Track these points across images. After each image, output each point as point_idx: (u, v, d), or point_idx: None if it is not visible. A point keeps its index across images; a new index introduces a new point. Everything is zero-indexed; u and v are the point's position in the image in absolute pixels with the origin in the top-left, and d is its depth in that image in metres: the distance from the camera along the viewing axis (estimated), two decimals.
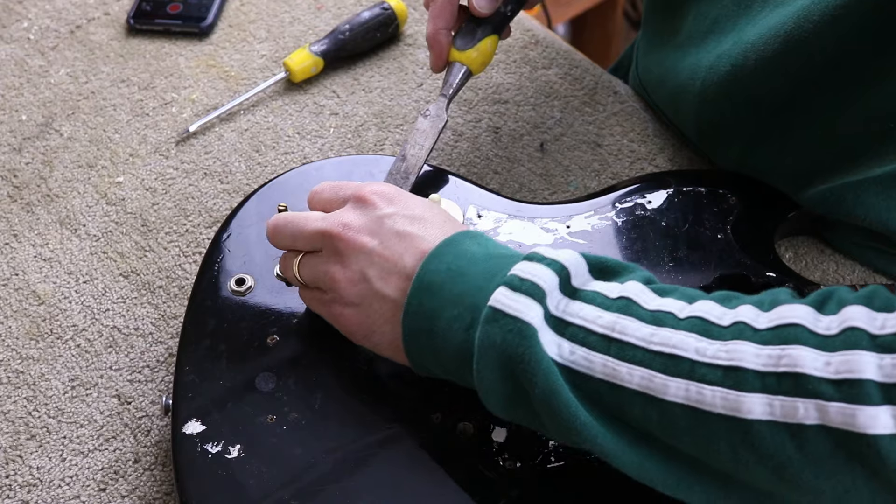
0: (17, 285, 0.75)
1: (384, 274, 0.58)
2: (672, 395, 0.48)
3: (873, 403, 0.43)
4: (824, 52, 0.64)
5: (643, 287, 0.52)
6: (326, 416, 0.60)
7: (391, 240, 0.58)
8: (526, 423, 0.54)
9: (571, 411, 0.49)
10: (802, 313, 0.47)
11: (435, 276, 0.56)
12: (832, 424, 0.44)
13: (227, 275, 0.68)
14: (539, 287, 0.52)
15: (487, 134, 0.86)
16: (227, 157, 0.85)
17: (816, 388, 0.44)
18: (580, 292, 0.53)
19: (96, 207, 0.81)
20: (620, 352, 0.49)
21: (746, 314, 0.49)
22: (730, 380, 0.46)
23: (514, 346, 0.50)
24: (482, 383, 0.52)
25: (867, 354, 0.44)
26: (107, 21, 0.98)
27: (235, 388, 0.61)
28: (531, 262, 0.53)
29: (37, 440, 0.67)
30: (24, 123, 0.88)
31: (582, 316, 0.51)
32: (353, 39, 0.92)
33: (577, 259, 0.54)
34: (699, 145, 0.82)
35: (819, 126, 0.69)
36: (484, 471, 0.58)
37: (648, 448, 0.50)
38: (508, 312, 0.51)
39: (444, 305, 0.55)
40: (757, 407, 0.45)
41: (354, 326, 0.60)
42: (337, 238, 0.59)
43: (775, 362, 0.46)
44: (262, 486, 0.57)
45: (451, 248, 0.57)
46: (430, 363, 0.57)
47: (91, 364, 0.70)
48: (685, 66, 0.78)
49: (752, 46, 0.69)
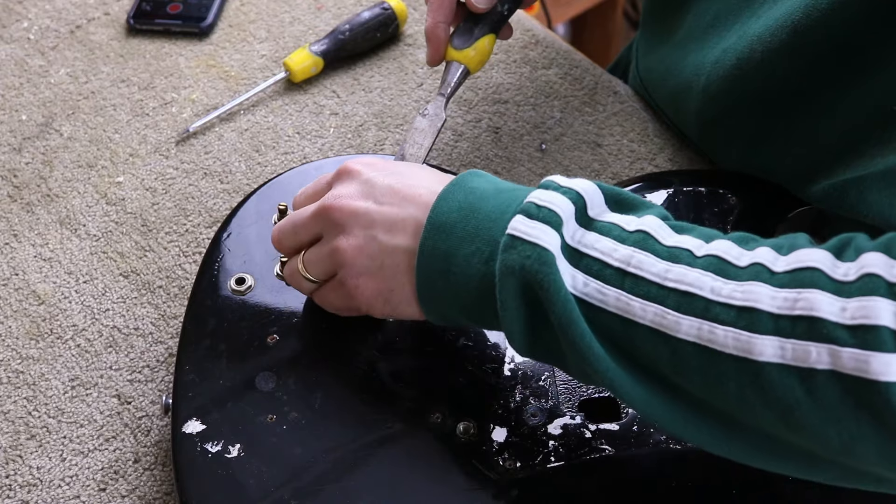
0: (17, 285, 0.76)
1: (389, 227, 0.57)
2: (684, 333, 0.47)
3: (888, 350, 0.42)
4: (833, 40, 0.64)
5: (661, 222, 0.51)
6: (326, 415, 0.60)
7: (385, 196, 0.58)
8: (548, 356, 0.53)
9: (586, 342, 0.49)
10: (821, 257, 0.46)
11: (447, 217, 0.55)
12: (844, 370, 0.43)
13: (227, 274, 0.68)
14: (556, 214, 0.51)
15: (487, 134, 0.86)
16: (227, 157, 0.85)
17: (831, 333, 0.44)
18: (596, 223, 0.52)
19: (96, 207, 0.81)
20: (635, 286, 0.49)
21: (764, 256, 0.48)
22: (743, 320, 0.46)
23: (533, 273, 0.50)
24: (506, 314, 0.52)
25: (884, 301, 0.43)
26: (107, 21, 0.98)
27: (235, 387, 0.61)
28: (547, 190, 0.53)
29: (37, 440, 0.67)
30: (24, 123, 0.88)
31: (598, 248, 0.50)
32: (353, 39, 0.92)
33: (593, 188, 0.53)
34: (700, 144, 0.82)
35: (824, 117, 0.69)
36: (484, 471, 0.58)
37: (657, 385, 0.50)
38: (527, 239, 0.50)
39: (461, 243, 0.54)
40: (769, 349, 0.45)
41: (372, 293, 0.59)
42: (334, 209, 0.59)
43: (791, 305, 0.45)
44: (261, 486, 0.57)
45: (460, 188, 0.56)
46: (448, 307, 0.56)
47: (91, 364, 0.71)
48: (688, 63, 0.78)
49: (758, 39, 0.69)
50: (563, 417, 0.60)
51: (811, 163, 0.72)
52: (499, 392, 0.61)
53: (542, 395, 0.61)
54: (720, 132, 0.78)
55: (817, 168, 0.71)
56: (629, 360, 0.50)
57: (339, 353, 0.63)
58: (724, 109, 0.75)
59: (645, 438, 0.59)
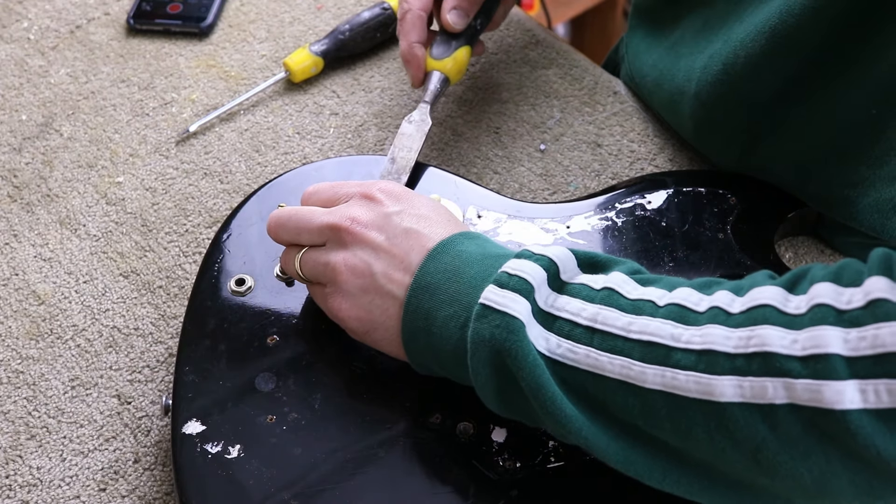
0: (17, 285, 0.76)
1: (389, 270, 0.58)
2: (650, 383, 0.48)
3: (840, 378, 0.43)
4: (809, 45, 0.65)
5: (626, 277, 0.53)
6: (326, 416, 0.60)
7: (398, 237, 0.59)
8: (523, 417, 0.55)
9: (557, 404, 0.50)
10: (773, 294, 0.47)
11: (432, 278, 0.56)
12: (800, 402, 0.44)
13: (227, 275, 0.68)
14: (527, 282, 0.53)
15: (487, 134, 0.86)
16: (227, 157, 0.85)
17: (784, 366, 0.44)
18: (568, 286, 0.54)
19: (96, 207, 0.81)
20: (602, 342, 0.50)
21: (722, 299, 0.49)
22: (702, 363, 0.47)
23: (501, 341, 0.51)
24: (477, 379, 0.54)
25: (833, 329, 0.44)
26: (107, 21, 0.98)
27: (235, 388, 0.61)
28: (520, 259, 0.54)
29: (37, 440, 0.67)
30: (24, 123, 0.88)
31: (568, 309, 0.52)
32: (353, 39, 0.92)
33: (565, 254, 0.55)
34: (698, 148, 0.82)
35: (812, 121, 0.69)
36: (483, 471, 0.58)
37: (633, 440, 0.51)
38: (497, 308, 0.52)
39: (441, 305, 0.56)
40: (728, 389, 0.46)
41: (355, 322, 0.60)
42: (345, 231, 0.59)
43: (745, 343, 0.46)
44: (261, 487, 0.57)
45: (449, 249, 0.58)
46: (429, 361, 0.58)
47: (91, 364, 0.71)
48: (680, 68, 0.78)
49: (740, 44, 0.69)
50: None
51: (803, 166, 0.72)
52: None
53: None
54: (714, 136, 0.78)
55: (810, 172, 0.72)
56: (604, 416, 0.51)
57: (338, 353, 0.63)
58: (715, 114, 0.75)
59: None
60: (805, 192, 0.73)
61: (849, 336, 0.43)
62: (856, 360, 0.43)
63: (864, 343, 0.43)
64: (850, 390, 0.43)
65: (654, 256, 0.69)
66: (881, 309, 0.43)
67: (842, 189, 0.70)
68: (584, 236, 0.71)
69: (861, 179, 0.69)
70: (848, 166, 0.69)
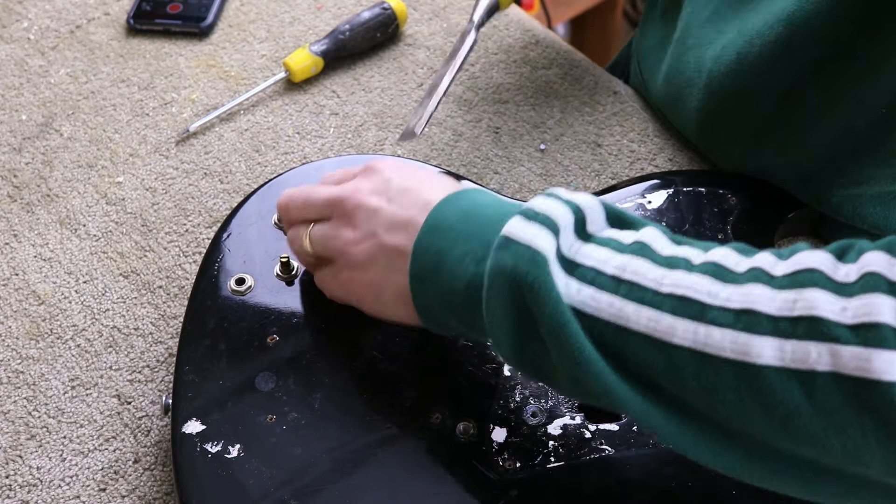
0: (17, 285, 0.76)
1: (391, 226, 0.57)
2: (679, 339, 0.46)
3: (890, 348, 0.41)
4: (827, 34, 0.64)
5: (659, 234, 0.51)
6: (326, 415, 0.60)
7: (398, 196, 0.58)
8: (534, 367, 0.52)
9: (578, 344, 0.48)
10: (821, 259, 0.45)
11: (445, 219, 0.55)
12: (845, 371, 0.42)
13: (227, 274, 0.68)
14: (554, 220, 0.50)
15: (487, 134, 0.86)
16: (227, 157, 0.85)
17: (831, 332, 0.42)
18: (594, 237, 0.51)
19: (96, 207, 0.81)
20: (629, 292, 0.47)
21: (764, 260, 0.47)
22: (741, 323, 0.44)
23: (524, 273, 0.48)
24: (492, 317, 0.51)
25: (885, 298, 0.42)
26: (107, 21, 0.98)
27: (235, 387, 0.61)
28: (548, 199, 0.52)
29: (37, 440, 0.67)
30: (24, 123, 0.88)
31: (594, 257, 0.49)
32: (353, 39, 0.92)
33: (595, 204, 0.52)
34: (699, 144, 0.82)
35: (821, 118, 0.69)
36: (483, 471, 0.58)
37: (652, 395, 0.48)
38: (521, 240, 0.49)
39: (455, 243, 0.53)
40: (767, 350, 0.43)
41: (363, 289, 0.59)
42: (347, 199, 0.60)
43: (790, 306, 0.44)
44: (261, 486, 0.57)
45: (464, 195, 0.56)
46: (436, 307, 0.55)
47: (91, 364, 0.71)
48: (689, 59, 0.78)
49: (756, 33, 0.69)
50: (562, 418, 0.60)
51: (809, 165, 0.72)
52: (499, 392, 0.61)
53: (541, 395, 0.61)
54: (721, 131, 0.78)
55: (815, 171, 0.72)
56: (623, 369, 0.48)
57: (338, 353, 0.63)
58: (725, 106, 0.75)
59: (644, 439, 0.59)
60: (806, 191, 0.73)
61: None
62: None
63: None
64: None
65: None
66: None
67: (845, 188, 0.70)
68: None
69: (866, 178, 0.69)
70: (854, 166, 0.69)
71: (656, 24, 0.88)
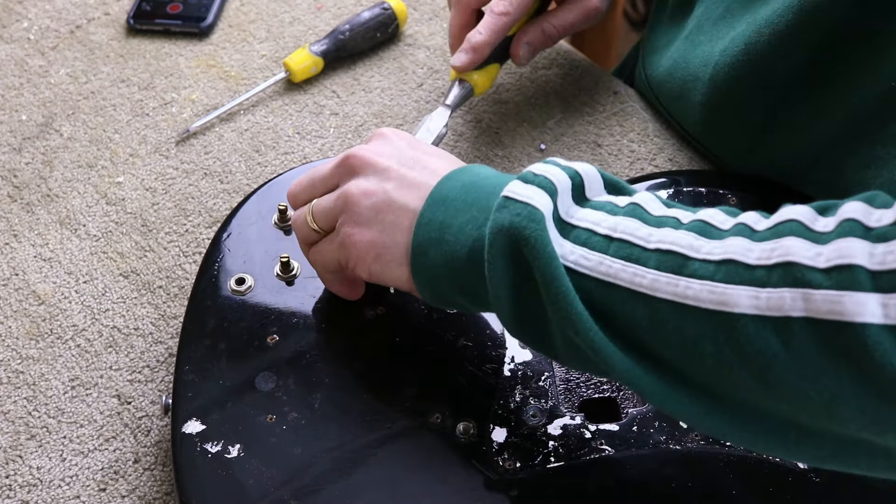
0: (17, 285, 0.75)
1: (402, 185, 0.58)
2: (661, 292, 0.47)
3: (861, 290, 0.41)
4: (837, 19, 0.65)
5: (653, 196, 0.52)
6: (326, 415, 0.60)
7: (409, 163, 0.59)
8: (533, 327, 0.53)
9: (570, 299, 0.49)
10: (802, 211, 0.46)
11: (449, 192, 0.56)
12: (818, 315, 0.42)
13: (227, 274, 0.68)
14: (551, 182, 0.52)
15: (487, 134, 0.86)
16: (227, 157, 0.85)
17: (805, 277, 0.42)
18: (591, 202, 0.53)
19: (96, 207, 0.81)
20: (619, 250, 0.49)
21: (749, 218, 0.47)
22: (720, 273, 0.45)
23: (520, 228, 0.50)
24: (493, 275, 0.52)
25: (859, 241, 0.42)
26: (107, 21, 0.98)
27: (235, 387, 0.61)
28: (547, 164, 0.53)
29: (37, 440, 0.67)
30: (24, 123, 0.88)
31: (588, 219, 0.51)
32: (353, 39, 0.92)
33: (593, 171, 0.54)
34: (703, 138, 0.82)
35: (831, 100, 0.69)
36: (483, 471, 0.58)
37: (638, 355, 0.49)
38: (519, 199, 0.51)
39: (457, 213, 0.55)
40: (744, 300, 0.44)
41: (365, 245, 0.58)
42: (354, 156, 0.60)
43: (768, 255, 0.44)
44: (261, 486, 0.57)
45: (468, 170, 0.57)
46: (438, 278, 0.56)
47: (91, 364, 0.71)
48: (696, 55, 0.78)
49: (765, 22, 0.69)
50: (562, 418, 0.60)
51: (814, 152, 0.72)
52: (498, 392, 0.61)
53: (541, 395, 0.61)
54: (726, 122, 0.78)
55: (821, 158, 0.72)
56: (611, 328, 0.49)
57: (338, 353, 0.63)
58: (731, 97, 0.75)
59: (645, 439, 0.59)
60: (814, 178, 0.73)
61: (875, 250, 0.41)
62: (881, 273, 0.41)
63: (891, 257, 0.41)
64: (872, 303, 0.41)
65: None
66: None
67: (854, 171, 0.70)
68: None
69: (875, 159, 0.68)
70: (863, 146, 0.69)
71: (664, 25, 0.89)
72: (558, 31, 0.81)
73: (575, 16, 0.81)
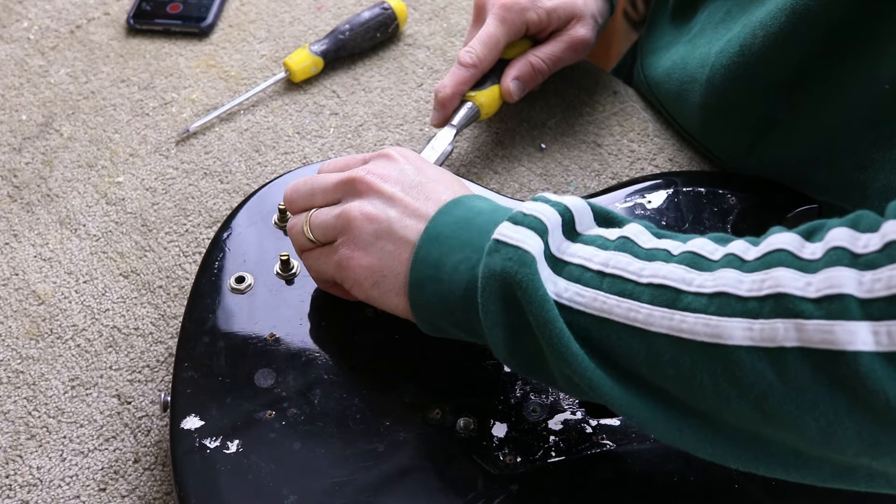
0: (17, 285, 0.75)
1: (404, 217, 0.58)
2: (657, 326, 0.47)
3: (853, 318, 0.42)
4: (829, 22, 0.65)
5: (642, 228, 0.52)
6: (325, 412, 0.60)
7: (414, 189, 0.59)
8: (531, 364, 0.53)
9: (564, 341, 0.49)
10: (788, 239, 0.46)
11: (443, 228, 0.56)
12: (811, 345, 0.42)
13: (227, 272, 0.68)
14: (541, 221, 0.52)
15: (487, 134, 0.86)
16: (227, 157, 0.85)
17: (796, 307, 0.43)
18: (582, 236, 0.53)
19: (96, 207, 0.81)
20: (612, 286, 0.49)
21: (738, 247, 0.48)
22: (713, 306, 0.46)
23: (513, 273, 0.50)
24: (487, 317, 0.52)
25: (847, 270, 0.43)
26: (107, 21, 0.98)
27: (234, 384, 0.61)
28: (536, 202, 0.54)
29: (37, 440, 0.66)
30: (24, 123, 0.88)
31: (580, 255, 0.51)
32: (353, 39, 0.92)
33: (582, 205, 0.54)
34: (703, 139, 0.82)
35: (827, 102, 0.69)
36: (484, 466, 0.57)
37: (637, 387, 0.49)
38: (510, 242, 0.51)
39: (451, 252, 0.55)
40: (737, 332, 0.44)
41: (364, 271, 0.59)
42: (360, 181, 0.60)
43: (758, 286, 0.45)
44: (260, 482, 0.57)
45: (461, 203, 0.58)
46: (436, 314, 0.56)
47: (91, 364, 0.70)
48: (695, 56, 0.79)
49: (760, 25, 0.69)
50: (563, 413, 0.60)
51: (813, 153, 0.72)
52: (499, 387, 0.61)
53: (542, 390, 0.61)
54: (724, 123, 0.78)
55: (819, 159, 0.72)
56: (608, 362, 0.50)
57: (338, 349, 0.63)
58: (727, 98, 0.75)
59: (646, 434, 0.59)
60: (814, 179, 0.73)
61: (864, 278, 0.42)
62: (870, 301, 0.42)
63: (879, 285, 0.42)
64: (862, 331, 0.41)
65: None
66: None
67: (852, 173, 0.70)
68: None
69: (871, 162, 0.69)
70: (860, 148, 0.69)
71: (664, 26, 0.89)
72: (547, 65, 0.82)
73: (563, 49, 0.82)
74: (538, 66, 0.81)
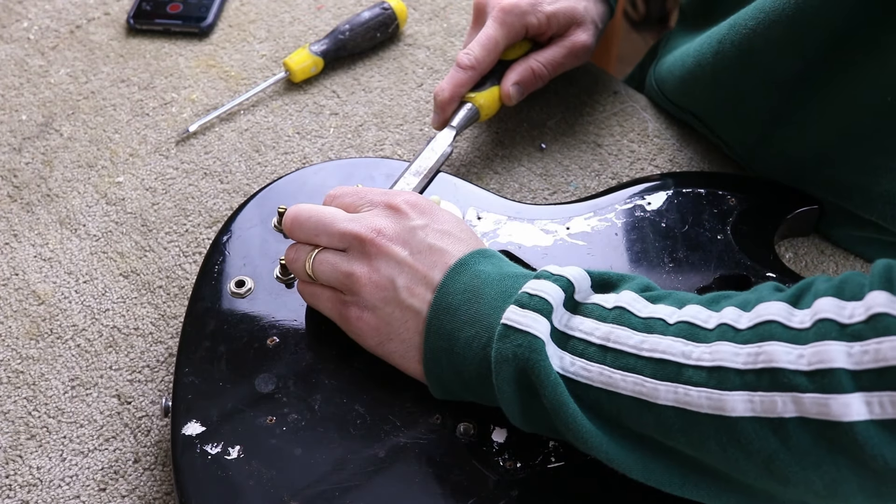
0: (17, 285, 0.75)
1: (412, 284, 0.59)
2: (663, 399, 0.50)
3: (845, 391, 0.44)
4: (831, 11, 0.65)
5: (636, 296, 0.55)
6: (326, 417, 0.60)
7: (422, 252, 0.60)
8: (547, 431, 0.56)
9: (577, 421, 0.52)
10: (777, 309, 0.49)
11: (452, 298, 0.58)
12: (809, 416, 0.45)
13: (227, 277, 0.68)
14: (547, 302, 0.54)
15: (487, 134, 0.86)
16: (227, 157, 0.85)
17: (791, 381, 0.46)
18: (581, 306, 0.55)
19: (96, 207, 0.81)
20: (615, 360, 0.52)
21: (729, 315, 0.50)
22: (713, 380, 0.48)
23: (524, 360, 0.53)
24: (503, 397, 0.55)
25: (837, 344, 0.45)
26: (107, 21, 0.98)
27: (235, 389, 0.61)
28: (539, 280, 0.56)
29: (37, 440, 0.67)
30: (24, 123, 0.88)
31: (582, 329, 0.54)
32: (353, 39, 0.92)
33: (581, 274, 0.56)
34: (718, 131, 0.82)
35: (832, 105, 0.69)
36: (484, 471, 0.58)
37: (650, 451, 0.52)
38: (519, 328, 0.53)
39: (463, 326, 0.57)
40: (739, 404, 0.47)
41: (371, 331, 0.60)
42: (369, 243, 0.60)
43: (753, 360, 0.47)
44: (261, 488, 0.57)
45: (467, 269, 0.59)
46: (452, 382, 0.58)
47: (91, 364, 0.71)
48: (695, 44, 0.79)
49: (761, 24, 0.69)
50: None
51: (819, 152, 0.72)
52: None
53: None
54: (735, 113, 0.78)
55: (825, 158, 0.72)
56: (620, 430, 0.52)
57: (338, 354, 0.63)
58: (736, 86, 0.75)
59: None
60: (820, 177, 0.73)
61: (852, 350, 0.45)
62: (860, 373, 0.44)
63: (867, 357, 0.44)
64: (856, 403, 0.44)
65: (654, 258, 0.69)
66: (882, 323, 0.44)
67: (856, 176, 0.71)
68: (584, 237, 0.71)
69: (874, 168, 0.69)
70: (863, 153, 0.70)
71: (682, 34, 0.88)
72: (547, 70, 0.82)
73: (564, 54, 0.82)
74: (539, 71, 0.81)
